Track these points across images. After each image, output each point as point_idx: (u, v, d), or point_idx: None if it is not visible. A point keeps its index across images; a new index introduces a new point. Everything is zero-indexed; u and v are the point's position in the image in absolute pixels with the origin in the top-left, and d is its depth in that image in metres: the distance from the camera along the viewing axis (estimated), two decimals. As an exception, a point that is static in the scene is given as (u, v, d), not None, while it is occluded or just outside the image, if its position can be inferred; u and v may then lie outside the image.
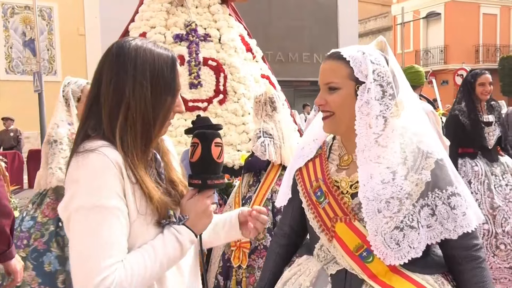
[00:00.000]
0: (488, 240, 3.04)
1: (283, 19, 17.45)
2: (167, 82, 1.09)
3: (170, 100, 1.11)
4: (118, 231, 1.00)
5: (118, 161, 1.03)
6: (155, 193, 1.07)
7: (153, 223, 1.07)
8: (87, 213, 0.98)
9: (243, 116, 5.04)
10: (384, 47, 1.27)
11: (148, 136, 1.08)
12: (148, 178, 1.08)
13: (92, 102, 1.09)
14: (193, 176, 1.13)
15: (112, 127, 1.05)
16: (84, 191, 0.99)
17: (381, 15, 26.27)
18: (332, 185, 1.26)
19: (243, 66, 5.29)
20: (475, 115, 3.23)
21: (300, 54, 18.74)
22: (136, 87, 1.05)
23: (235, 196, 3.32)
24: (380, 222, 1.14)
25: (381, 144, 1.18)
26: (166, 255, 1.05)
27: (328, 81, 1.23)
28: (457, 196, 1.17)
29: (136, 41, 1.11)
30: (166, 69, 1.10)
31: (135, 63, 1.06)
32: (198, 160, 1.12)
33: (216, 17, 5.47)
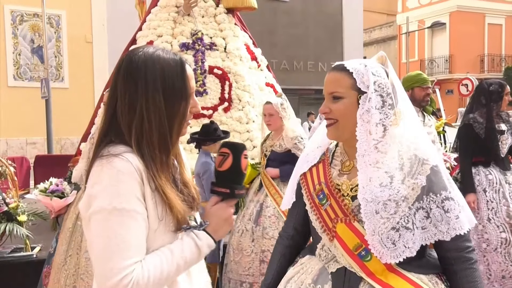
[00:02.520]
0: (506, 249, 3.04)
1: (288, 27, 17.60)
2: (178, 90, 1.14)
3: (184, 106, 1.15)
4: (137, 233, 1.04)
5: (140, 167, 1.08)
6: (176, 203, 1.11)
7: (171, 230, 1.12)
8: (108, 215, 1.02)
9: (247, 124, 5.11)
10: (385, 61, 1.36)
11: (166, 147, 1.13)
12: (169, 187, 1.12)
13: (112, 116, 1.14)
14: (219, 184, 1.17)
15: (132, 140, 1.10)
16: (106, 194, 1.04)
17: (386, 24, 26.43)
18: (334, 188, 1.34)
19: (248, 75, 5.38)
20: (491, 124, 3.25)
21: (305, 63, 18.86)
22: (149, 101, 1.10)
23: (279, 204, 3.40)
24: (377, 223, 1.22)
25: (381, 150, 1.25)
26: (183, 259, 1.10)
27: (333, 90, 1.31)
28: (451, 200, 1.25)
29: (144, 52, 1.14)
30: (176, 76, 1.14)
31: (146, 78, 1.10)
32: (227, 170, 1.16)
33: (222, 26, 5.57)
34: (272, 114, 3.34)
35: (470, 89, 13.81)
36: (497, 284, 3.05)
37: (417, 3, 24.54)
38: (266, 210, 3.31)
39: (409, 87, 3.60)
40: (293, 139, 3.30)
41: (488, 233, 3.08)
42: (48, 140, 9.84)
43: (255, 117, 5.10)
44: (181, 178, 1.22)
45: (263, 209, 3.33)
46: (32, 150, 11.40)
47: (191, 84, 1.18)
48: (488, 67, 23.26)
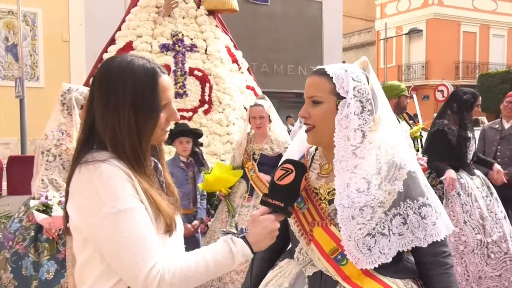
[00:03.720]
0: (481, 250, 3.12)
1: (269, 31, 17.66)
2: (149, 104, 1.14)
3: (156, 118, 1.15)
4: (147, 226, 1.08)
5: (127, 171, 1.10)
6: (163, 205, 1.14)
7: (161, 232, 1.13)
8: (115, 218, 1.05)
9: (227, 126, 5.10)
10: (366, 66, 1.36)
11: (138, 158, 1.14)
12: (154, 191, 1.14)
13: (92, 123, 1.15)
14: (274, 197, 1.20)
15: (109, 149, 1.13)
16: (106, 199, 1.05)
17: (365, 30, 26.79)
18: (312, 192, 1.35)
19: (229, 77, 5.37)
20: (465, 132, 3.35)
21: (285, 66, 18.94)
22: (120, 116, 1.11)
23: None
24: (353, 228, 1.22)
25: (359, 155, 1.26)
26: (213, 261, 1.11)
27: (312, 94, 1.31)
28: (428, 207, 1.26)
29: (118, 63, 1.14)
30: (147, 90, 1.13)
31: (116, 92, 1.11)
32: (287, 186, 1.21)
33: (203, 28, 5.55)
34: (263, 117, 3.30)
35: (445, 95, 14.09)
36: (475, 284, 3.11)
37: (395, 10, 24.97)
38: None
39: (396, 95, 3.72)
40: (284, 143, 3.29)
41: (465, 235, 3.14)
42: (21, 140, 9.61)
43: (236, 119, 5.10)
44: (165, 181, 1.24)
45: None
46: (5, 150, 11.10)
47: (166, 95, 1.18)
48: (463, 74, 23.82)
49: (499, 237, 3.12)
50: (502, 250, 3.11)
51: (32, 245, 2.65)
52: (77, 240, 1.13)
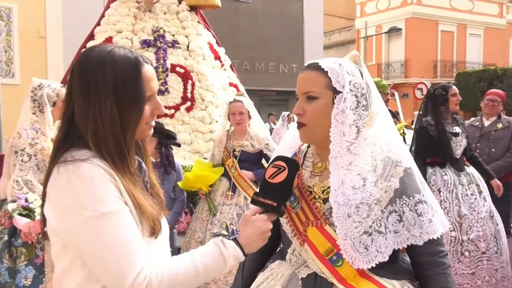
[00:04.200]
0: (455, 247, 3.15)
1: (250, 28, 17.61)
2: (132, 94, 1.07)
3: (140, 110, 1.09)
4: (132, 230, 1.01)
5: (109, 171, 1.03)
6: (147, 207, 1.07)
7: (146, 235, 1.07)
8: (98, 221, 0.98)
9: (210, 124, 5.02)
10: (358, 60, 1.33)
11: (122, 153, 1.07)
12: (138, 191, 1.08)
13: (70, 119, 1.08)
14: (266, 196, 1.15)
15: (91, 145, 1.05)
16: (87, 202, 0.98)
17: (345, 28, 26.97)
18: (305, 190, 1.30)
19: (211, 74, 5.29)
20: (442, 126, 3.35)
21: (266, 64, 18.92)
22: (102, 108, 1.04)
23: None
24: (349, 227, 1.18)
25: (353, 152, 1.22)
26: (203, 265, 1.06)
27: (307, 90, 1.27)
28: (424, 204, 1.23)
29: (97, 53, 1.08)
30: (130, 80, 1.07)
31: (97, 82, 1.05)
32: (279, 184, 1.16)
33: (185, 24, 5.45)
34: (242, 113, 3.26)
35: (424, 93, 14.30)
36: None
37: (375, 9, 25.20)
38: None
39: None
40: (264, 139, 3.25)
41: None
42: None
43: (219, 117, 5.02)
44: (150, 181, 1.18)
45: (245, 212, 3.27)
46: (-21, 149, 10.74)
47: (150, 86, 1.11)
48: (441, 73, 24.21)
49: (477, 236, 3.15)
50: (479, 249, 3.14)
51: (6, 250, 2.52)
52: (56, 245, 1.06)
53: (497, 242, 3.14)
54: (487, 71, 20.62)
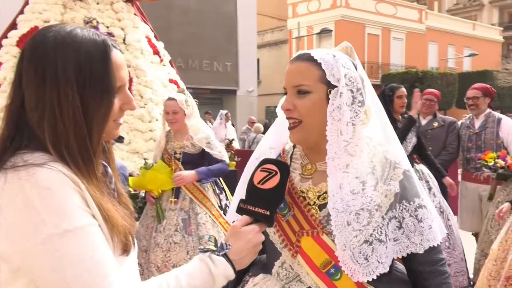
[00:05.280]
0: None
1: (183, 25, 17.21)
2: (99, 82, 0.88)
3: (108, 102, 0.90)
4: (102, 247, 0.83)
5: (74, 177, 0.83)
6: (118, 220, 0.88)
7: (117, 254, 0.88)
8: (60, 241, 0.78)
9: (150, 123, 4.74)
10: (351, 52, 1.21)
11: (87, 154, 0.87)
12: (106, 201, 0.89)
13: (18, 114, 0.86)
14: (256, 204, 1.02)
15: (48, 145, 0.85)
16: (47, 217, 0.78)
17: (278, 28, 27.34)
18: (298, 196, 1.16)
19: (150, 70, 5.00)
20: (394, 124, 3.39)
21: (200, 62, 18.62)
22: (61, 97, 0.84)
23: (210, 210, 3.09)
24: (349, 236, 1.07)
25: (350, 152, 1.10)
26: (190, 286, 0.90)
27: (298, 83, 1.13)
28: (424, 209, 1.14)
29: (55, 32, 0.88)
30: (97, 64, 0.88)
31: (56, 67, 0.85)
32: (271, 189, 1.03)
33: (120, 15, 5.10)
34: (176, 112, 3.04)
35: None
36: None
37: (306, 10, 25.80)
38: (197, 217, 3.04)
39: None
40: (205, 138, 3.07)
41: None
42: None
43: (159, 115, 4.75)
44: (116, 190, 0.98)
45: (191, 216, 3.04)
46: None
47: (121, 75, 0.92)
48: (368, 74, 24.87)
49: None
50: None
51: None
52: (5, 272, 0.82)
53: (449, 237, 3.23)
54: (409, 73, 21.91)
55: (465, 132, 4.00)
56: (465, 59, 29.24)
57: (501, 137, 3.75)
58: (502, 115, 3.98)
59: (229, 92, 19.73)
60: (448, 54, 29.28)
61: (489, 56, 30.04)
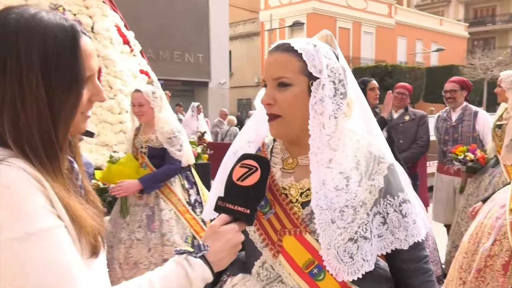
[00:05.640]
0: None
1: (153, 16, 16.87)
2: (66, 70, 0.81)
3: (76, 93, 0.83)
4: (68, 250, 0.76)
5: (37, 175, 0.75)
6: (86, 220, 0.81)
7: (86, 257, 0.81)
8: (22, 246, 0.71)
9: (120, 114, 4.60)
10: (331, 41, 1.16)
11: (52, 149, 0.80)
12: (73, 199, 0.81)
13: None
14: (235, 202, 0.96)
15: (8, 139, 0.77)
16: (6, 219, 0.70)
17: (250, 20, 27.21)
18: (280, 193, 1.11)
19: (120, 60, 4.84)
20: None
21: (171, 53, 18.32)
22: (24, 86, 0.77)
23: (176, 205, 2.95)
24: (333, 234, 1.03)
25: (333, 147, 1.06)
26: None
27: (279, 75, 1.07)
28: (408, 203, 1.11)
29: (18, 15, 0.80)
30: (64, 51, 0.80)
31: (18, 54, 0.77)
32: (251, 186, 0.98)
33: (88, 3, 4.91)
34: (142, 104, 2.90)
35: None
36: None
37: (278, 2, 25.78)
38: (162, 213, 2.90)
39: None
40: (168, 133, 2.90)
41: None
42: None
43: (129, 106, 4.60)
44: (84, 187, 0.91)
45: (156, 213, 2.91)
46: None
47: (90, 64, 0.85)
48: (339, 67, 25.58)
49: None
50: None
51: None
52: None
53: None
54: (379, 67, 22.25)
55: (442, 125, 4.05)
56: (432, 54, 29.98)
57: (477, 130, 3.80)
58: (479, 108, 4.04)
59: (201, 84, 19.53)
60: (416, 49, 29.94)
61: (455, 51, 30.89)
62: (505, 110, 3.38)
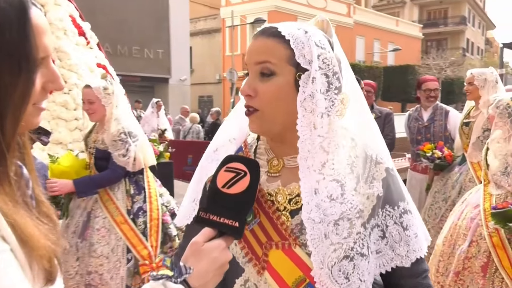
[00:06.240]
0: None
1: (110, 8, 16.26)
2: (13, 52, 0.65)
3: (26, 78, 0.66)
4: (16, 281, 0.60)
5: None
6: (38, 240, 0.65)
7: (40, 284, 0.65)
8: None
9: (75, 110, 4.32)
10: (327, 27, 1.02)
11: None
12: (22, 215, 0.65)
13: None
14: (221, 213, 0.82)
15: None
16: None
17: (211, 16, 26.88)
18: (265, 200, 0.96)
19: (75, 52, 4.55)
20: None
21: (129, 48, 17.76)
22: None
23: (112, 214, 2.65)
24: (327, 251, 0.89)
25: (326, 150, 0.92)
26: None
27: (263, 59, 0.92)
28: (409, 214, 0.99)
29: None
30: (10, 29, 0.64)
31: None
32: (239, 194, 0.83)
33: (39, -10, 4.57)
34: (92, 102, 2.63)
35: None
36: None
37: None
38: (95, 221, 2.64)
39: None
40: (113, 135, 2.60)
41: None
42: None
43: (85, 102, 4.34)
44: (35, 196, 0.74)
45: (91, 219, 2.65)
46: None
47: (44, 43, 0.69)
48: (300, 65, 25.79)
49: None
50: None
51: None
52: None
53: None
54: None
55: (414, 125, 4.03)
56: (389, 54, 30.74)
57: (449, 129, 3.81)
58: (450, 107, 4.04)
59: (161, 80, 19.07)
60: (374, 48, 30.60)
61: (410, 51, 31.84)
62: (472, 108, 3.40)
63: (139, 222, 2.68)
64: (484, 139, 3.00)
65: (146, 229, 2.67)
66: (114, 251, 2.60)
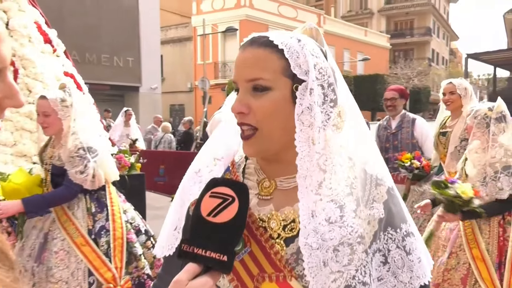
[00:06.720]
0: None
1: (78, 15, 15.89)
2: None
3: None
4: None
5: None
6: None
7: None
8: None
9: (40, 121, 4.09)
10: (317, 36, 0.94)
11: None
12: None
13: None
14: (207, 245, 0.72)
15: None
16: None
17: (182, 24, 26.70)
18: (257, 226, 0.86)
19: (40, 60, 4.33)
20: None
21: (98, 56, 17.36)
22: None
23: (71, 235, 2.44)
24: (326, 280, 0.80)
25: (322, 168, 0.84)
26: None
27: (255, 76, 0.84)
28: (412, 237, 0.91)
29: None
30: None
31: None
32: (227, 224, 0.74)
33: (2, -5, 4.35)
34: (48, 114, 2.40)
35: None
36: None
37: (211, 8, 25.54)
38: (52, 243, 2.43)
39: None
40: (70, 151, 2.39)
41: None
42: None
43: (52, 113, 4.13)
44: None
45: (48, 241, 2.44)
46: None
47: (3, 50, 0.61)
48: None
49: None
50: None
51: None
52: None
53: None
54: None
55: (383, 133, 4.04)
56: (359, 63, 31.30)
57: (416, 136, 3.83)
58: (416, 115, 4.08)
59: (131, 88, 18.70)
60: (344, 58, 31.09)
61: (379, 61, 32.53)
62: (448, 118, 3.41)
63: (102, 242, 2.47)
64: (462, 149, 3.01)
65: (109, 250, 2.46)
66: (74, 275, 2.39)
